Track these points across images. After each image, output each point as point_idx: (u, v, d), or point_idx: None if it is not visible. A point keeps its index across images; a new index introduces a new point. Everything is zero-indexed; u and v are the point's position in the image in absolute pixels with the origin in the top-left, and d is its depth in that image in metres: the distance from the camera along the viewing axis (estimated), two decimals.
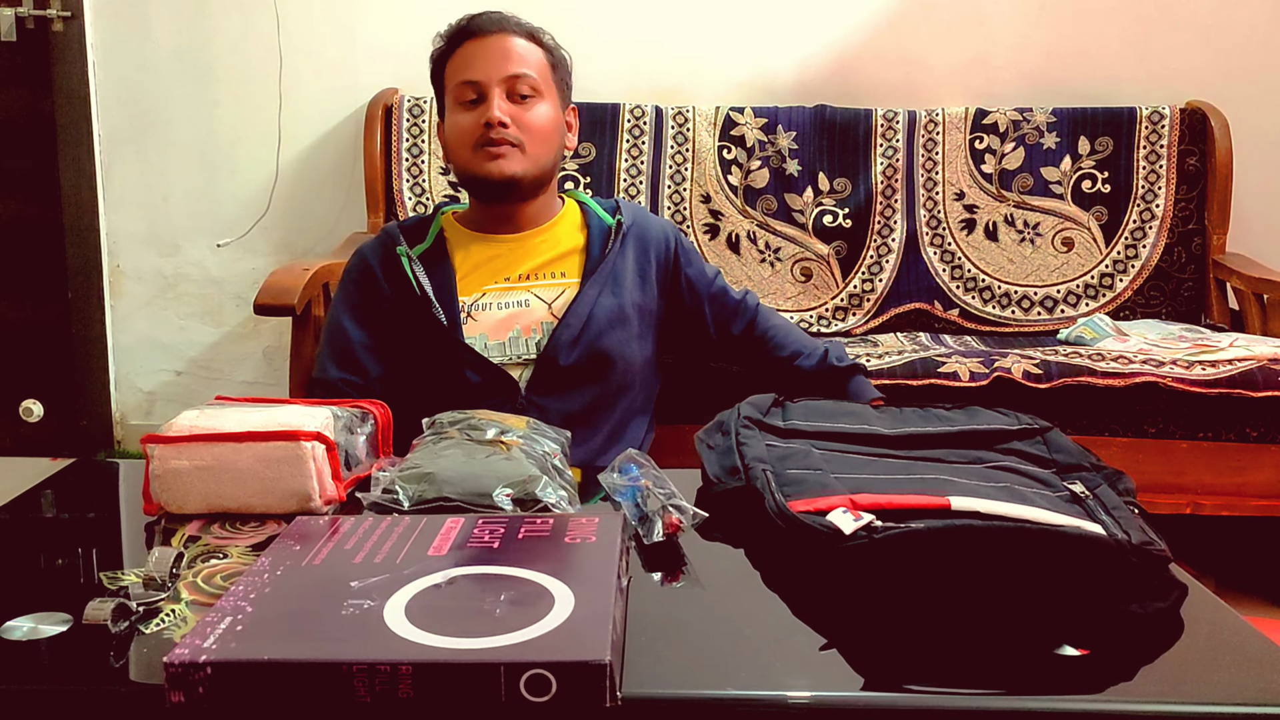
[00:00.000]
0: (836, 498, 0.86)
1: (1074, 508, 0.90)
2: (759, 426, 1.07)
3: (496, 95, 1.44)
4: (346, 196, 2.72)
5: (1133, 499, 0.93)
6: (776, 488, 0.90)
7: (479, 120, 1.44)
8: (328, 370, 1.48)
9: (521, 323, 1.46)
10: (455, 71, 1.48)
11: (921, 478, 0.94)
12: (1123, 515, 0.88)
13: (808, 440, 1.05)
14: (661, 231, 1.58)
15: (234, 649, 0.64)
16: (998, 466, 0.99)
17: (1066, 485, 0.95)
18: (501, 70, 1.44)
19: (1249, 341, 2.02)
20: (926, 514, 0.83)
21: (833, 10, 2.66)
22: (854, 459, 1.00)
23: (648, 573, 0.87)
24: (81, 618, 0.73)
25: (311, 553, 0.80)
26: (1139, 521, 0.87)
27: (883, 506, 0.84)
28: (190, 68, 2.72)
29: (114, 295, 2.84)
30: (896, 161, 2.51)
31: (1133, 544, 0.80)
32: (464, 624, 0.67)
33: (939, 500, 0.85)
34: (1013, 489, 0.92)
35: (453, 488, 0.95)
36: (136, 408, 2.91)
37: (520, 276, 1.49)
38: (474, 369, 1.42)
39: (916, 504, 0.85)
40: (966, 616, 0.78)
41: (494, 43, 1.46)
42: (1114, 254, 2.48)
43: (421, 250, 1.50)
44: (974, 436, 1.06)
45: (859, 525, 0.81)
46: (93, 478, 1.23)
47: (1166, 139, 2.49)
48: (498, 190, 1.46)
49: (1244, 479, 1.88)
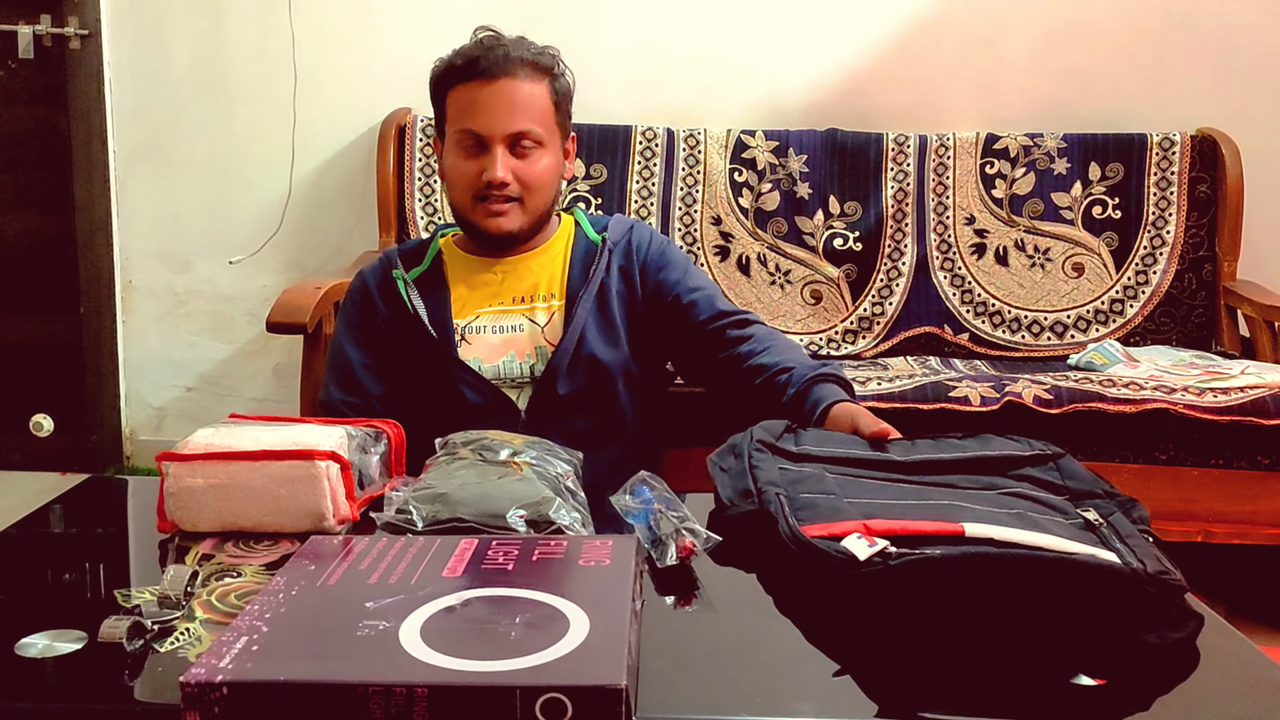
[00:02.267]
0: (850, 523, 0.86)
1: (1088, 535, 0.89)
2: (771, 450, 1.07)
3: (499, 151, 1.41)
4: (359, 215, 2.74)
5: (1147, 527, 0.92)
6: (790, 512, 0.90)
7: (479, 173, 1.43)
8: (330, 391, 1.50)
9: (515, 346, 1.47)
10: (458, 111, 1.45)
11: (935, 503, 0.94)
12: (1137, 543, 0.87)
13: (820, 465, 1.05)
14: (639, 237, 1.54)
15: (250, 669, 0.64)
16: (1011, 493, 0.98)
17: (1080, 512, 0.95)
18: (506, 126, 1.42)
19: (1260, 369, 2.02)
20: (941, 540, 0.83)
21: (844, 34, 2.67)
22: (867, 484, 1.00)
23: (661, 596, 0.87)
24: (96, 635, 0.73)
25: (326, 572, 0.80)
26: (1154, 550, 0.86)
27: (897, 533, 0.84)
28: (205, 86, 2.75)
29: (126, 311, 2.85)
30: (907, 185, 2.51)
31: (1148, 573, 0.80)
32: (479, 646, 0.67)
33: (953, 527, 0.84)
34: (1026, 515, 0.91)
35: (466, 509, 0.95)
36: (146, 423, 2.91)
37: (514, 300, 1.50)
38: (472, 388, 1.43)
39: (930, 530, 0.84)
40: (980, 645, 0.78)
41: (500, 90, 1.42)
42: (1124, 280, 2.48)
43: (418, 273, 1.51)
44: (986, 463, 1.05)
45: (873, 551, 0.80)
46: (105, 495, 1.24)
47: (1177, 166, 2.50)
48: (493, 242, 1.48)
49: (1255, 507, 1.88)
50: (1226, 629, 0.84)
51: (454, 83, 1.46)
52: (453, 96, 1.46)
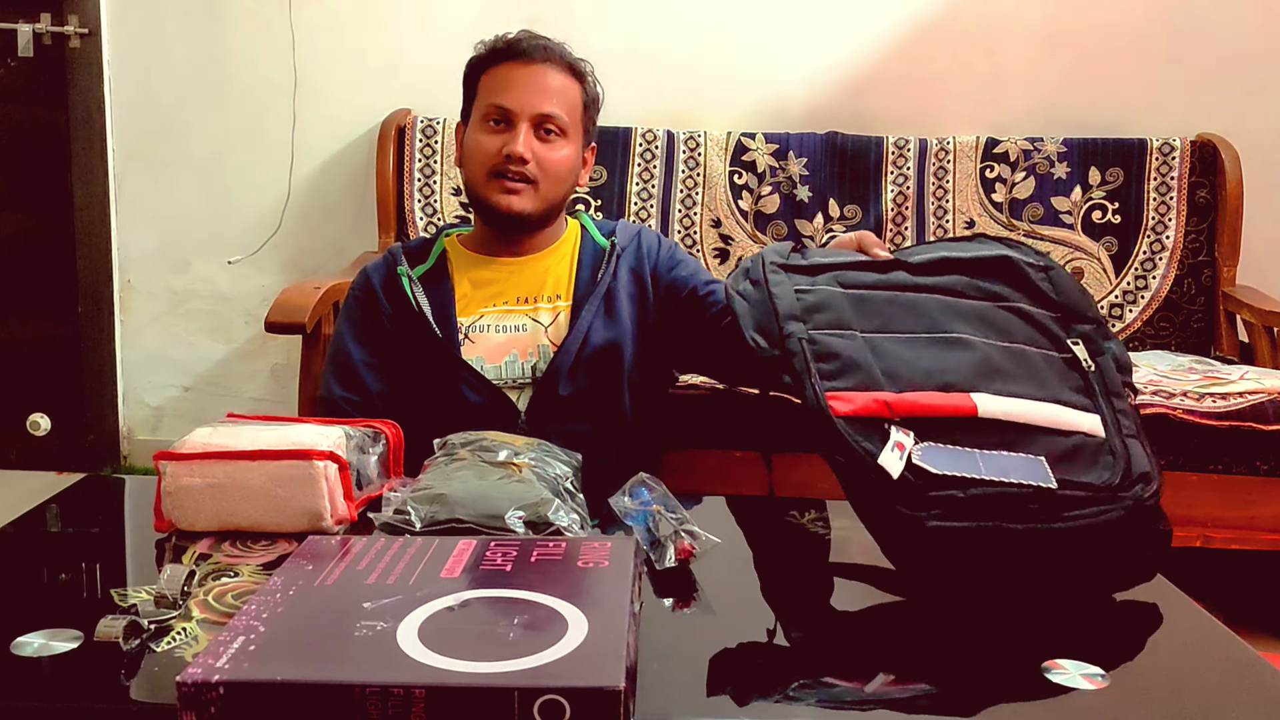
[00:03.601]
0: (873, 396, 0.93)
1: (1074, 377, 1.01)
2: (784, 269, 1.08)
3: (524, 129, 1.43)
4: (358, 216, 2.73)
5: (1129, 378, 1.05)
6: (815, 372, 0.95)
7: (500, 148, 1.43)
8: (330, 389, 1.49)
9: (518, 346, 1.46)
10: (490, 89, 1.47)
11: (944, 336, 1.01)
12: (1122, 409, 0.99)
13: (833, 274, 1.07)
14: (649, 241, 1.55)
15: (247, 669, 0.64)
16: (1009, 308, 1.07)
17: (1071, 344, 1.05)
18: (535, 105, 1.43)
19: (1259, 374, 2.01)
20: (957, 425, 0.92)
21: (845, 37, 2.67)
22: (877, 302, 1.04)
23: (659, 598, 0.86)
24: (93, 634, 0.73)
25: (324, 573, 0.79)
26: (1136, 420, 0.99)
27: (916, 413, 0.92)
28: (205, 85, 2.74)
29: (124, 310, 2.85)
30: (907, 189, 2.51)
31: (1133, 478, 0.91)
32: (477, 647, 0.67)
33: (967, 405, 0.93)
34: (1025, 355, 1.01)
35: (465, 509, 0.95)
36: (144, 423, 2.91)
37: (519, 300, 1.49)
38: (473, 388, 1.43)
39: (946, 410, 0.93)
40: (977, 641, 0.78)
41: (535, 73, 1.45)
42: (1124, 284, 2.48)
43: (422, 270, 1.50)
44: (987, 265, 1.11)
45: (903, 465, 0.88)
46: (101, 494, 1.23)
47: (1177, 171, 2.50)
48: (502, 221, 1.47)
49: (1254, 512, 1.88)
50: (1226, 634, 0.84)
51: (491, 64, 1.47)
52: (487, 77, 1.48)
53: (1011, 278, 1.11)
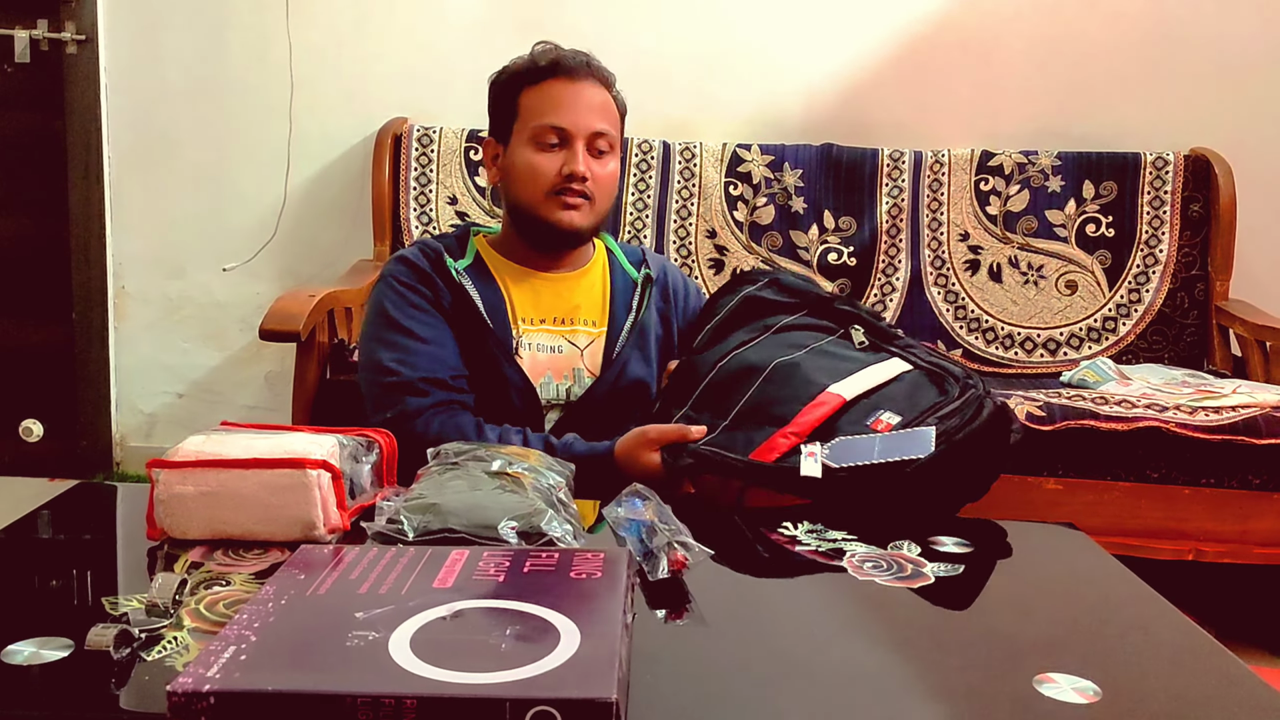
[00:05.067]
0: (778, 433, 1.19)
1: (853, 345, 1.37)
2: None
3: (580, 147, 1.43)
4: (353, 224, 2.73)
5: (884, 322, 1.41)
6: (729, 450, 1.21)
7: (559, 168, 1.43)
8: (429, 370, 1.39)
9: (553, 368, 1.46)
10: (539, 108, 1.44)
11: (793, 379, 1.27)
12: (905, 344, 1.35)
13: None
14: (675, 284, 1.59)
15: (238, 679, 0.64)
16: (782, 327, 1.40)
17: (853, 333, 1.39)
18: (590, 124, 1.44)
19: (1252, 388, 2.02)
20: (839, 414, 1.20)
21: (840, 50, 2.68)
22: (724, 377, 1.33)
23: (652, 610, 0.86)
24: (83, 643, 0.73)
25: (316, 582, 0.79)
26: (922, 348, 1.33)
27: (811, 428, 1.18)
28: (202, 92, 2.75)
29: (118, 317, 2.85)
30: (902, 201, 2.52)
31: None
32: (469, 658, 0.66)
33: (837, 401, 1.21)
34: (827, 350, 1.34)
35: (458, 519, 0.95)
36: (137, 429, 2.90)
37: (555, 320, 1.48)
38: (520, 395, 1.41)
39: (828, 411, 1.20)
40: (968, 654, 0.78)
41: (582, 90, 1.45)
42: (1117, 298, 2.49)
43: (465, 265, 1.48)
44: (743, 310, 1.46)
45: (820, 467, 1.13)
46: (94, 501, 1.23)
47: (1170, 185, 2.51)
48: (559, 238, 1.47)
49: (1246, 526, 1.88)
50: (1218, 648, 0.84)
51: (534, 81, 1.46)
52: (530, 95, 1.46)
53: (759, 307, 1.45)
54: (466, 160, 2.54)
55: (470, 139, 2.54)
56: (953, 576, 0.96)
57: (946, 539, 1.05)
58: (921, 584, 0.93)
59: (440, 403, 1.36)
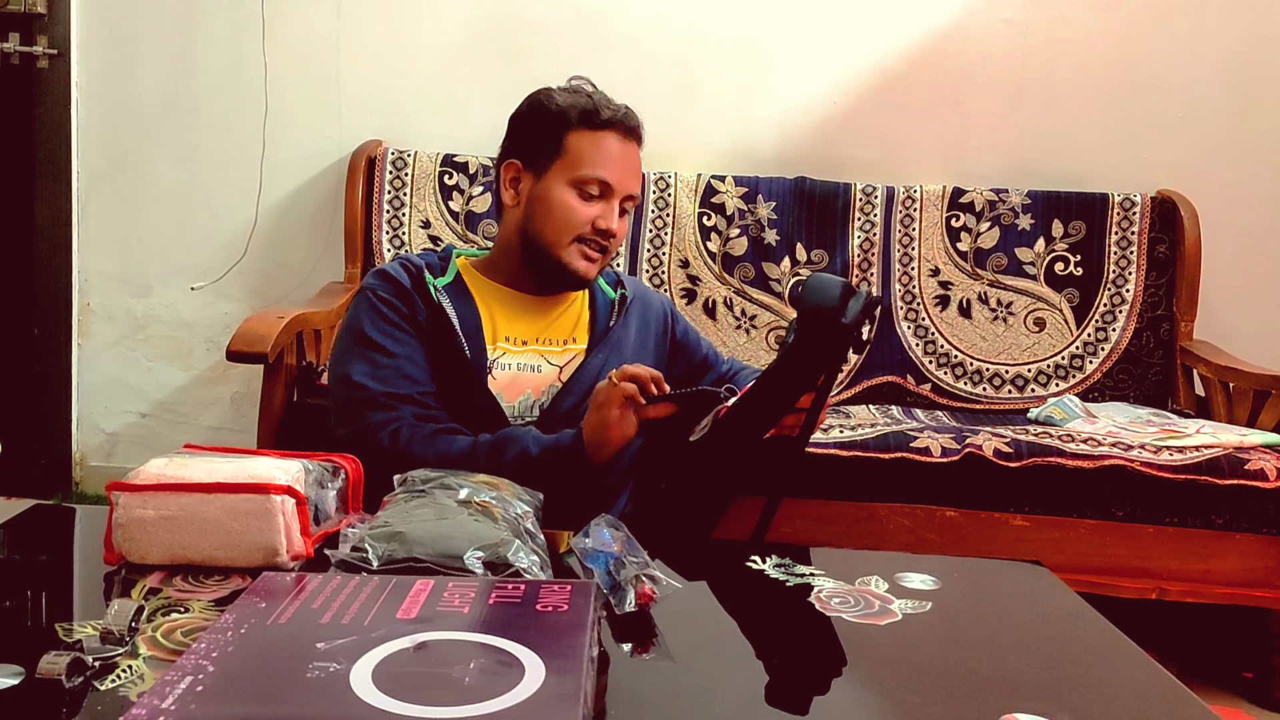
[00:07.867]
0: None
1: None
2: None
3: (616, 204, 1.46)
4: (325, 246, 2.72)
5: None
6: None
7: (593, 219, 1.44)
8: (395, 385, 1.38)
9: (531, 385, 1.46)
10: (590, 157, 1.44)
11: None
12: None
13: None
14: (659, 303, 1.64)
15: (193, 710, 0.62)
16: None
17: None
18: (631, 186, 1.47)
19: (1215, 429, 2.04)
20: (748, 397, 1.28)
21: (815, 85, 2.70)
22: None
23: (618, 644, 0.86)
24: (34, 671, 0.71)
25: (277, 611, 0.78)
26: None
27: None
28: (174, 110, 2.73)
29: (82, 334, 2.81)
30: (874, 235, 2.54)
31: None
32: (432, 692, 0.65)
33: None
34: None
35: (423, 548, 0.93)
36: (98, 449, 2.86)
37: (540, 340, 1.50)
38: (492, 420, 1.40)
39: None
40: (935, 692, 0.78)
41: (632, 151, 1.48)
42: (1084, 336, 2.51)
43: (444, 284, 1.48)
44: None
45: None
46: (50, 523, 1.21)
47: (1137, 226, 2.54)
48: (568, 282, 1.49)
49: (1209, 565, 1.89)
50: (1178, 688, 0.84)
51: (590, 127, 1.45)
52: (583, 139, 1.45)
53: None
54: (441, 184, 2.54)
55: (445, 163, 2.54)
56: (920, 613, 0.96)
57: (914, 575, 1.05)
58: (889, 620, 0.93)
59: (406, 418, 1.36)
